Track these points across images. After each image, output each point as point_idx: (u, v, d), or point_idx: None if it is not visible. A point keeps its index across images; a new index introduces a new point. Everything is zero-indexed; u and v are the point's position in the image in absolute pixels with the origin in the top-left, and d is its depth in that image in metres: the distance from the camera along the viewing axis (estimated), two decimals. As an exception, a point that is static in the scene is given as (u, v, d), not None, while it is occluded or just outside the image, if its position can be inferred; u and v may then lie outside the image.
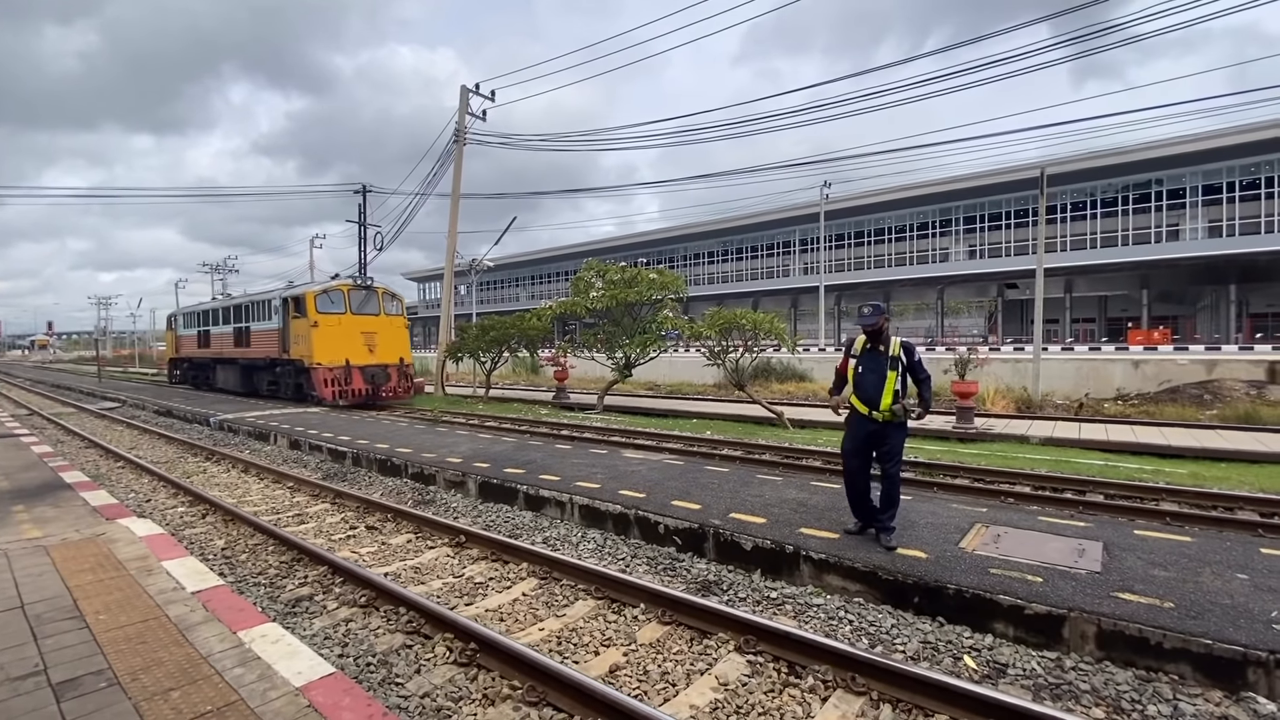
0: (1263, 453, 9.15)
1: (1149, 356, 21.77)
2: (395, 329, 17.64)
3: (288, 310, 16.79)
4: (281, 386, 18.01)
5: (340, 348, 16.11)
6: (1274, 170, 36.11)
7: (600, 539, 5.90)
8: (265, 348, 17.99)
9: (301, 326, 16.08)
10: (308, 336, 15.72)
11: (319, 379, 15.58)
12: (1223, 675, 3.21)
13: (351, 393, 16.07)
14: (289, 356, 16.79)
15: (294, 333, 16.47)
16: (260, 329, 18.25)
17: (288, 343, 16.81)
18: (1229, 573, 4.17)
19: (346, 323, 16.42)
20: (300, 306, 16.25)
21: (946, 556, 4.52)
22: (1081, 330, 45.86)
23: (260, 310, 18.33)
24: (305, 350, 15.95)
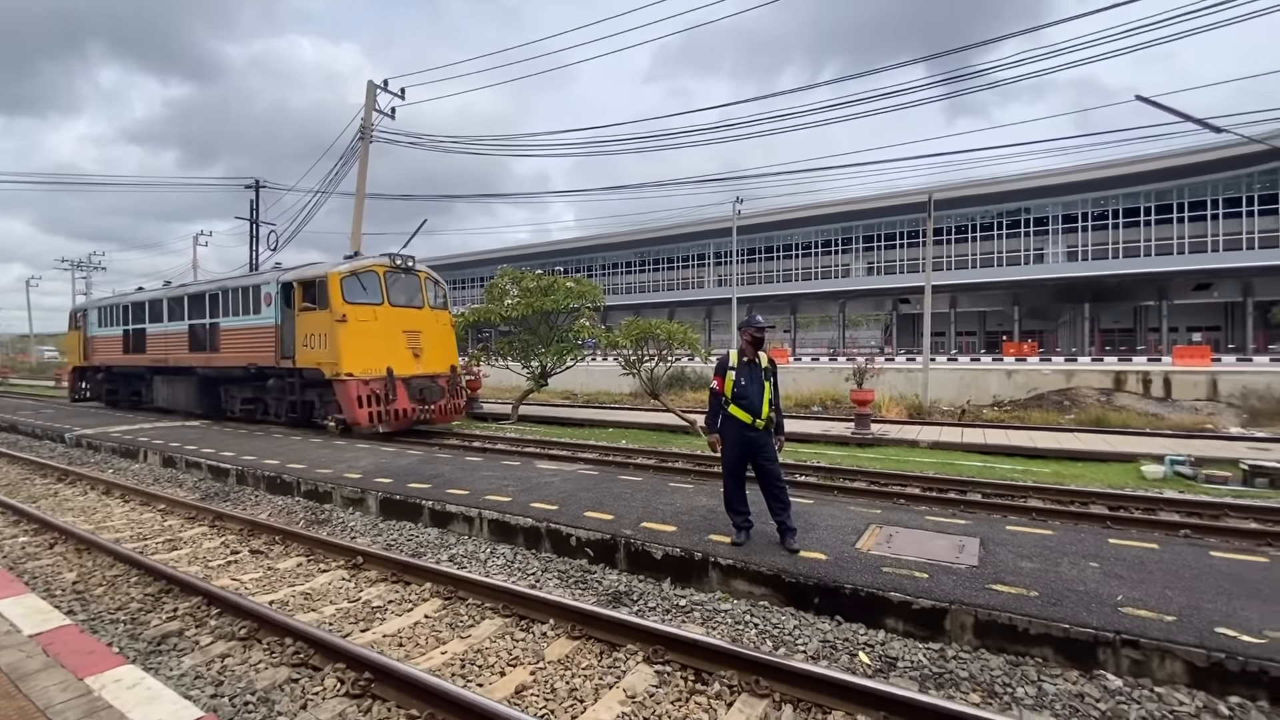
0: (1110, 452, 10.32)
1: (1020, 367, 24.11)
2: (442, 327, 13.39)
3: (291, 299, 12.31)
4: (272, 406, 13.62)
5: (378, 352, 11.69)
6: (1119, 204, 41.22)
7: (510, 554, 5.74)
8: (247, 352, 13.29)
9: (317, 322, 11.70)
10: (330, 336, 11.38)
11: (349, 396, 11.12)
12: (1079, 656, 3.56)
13: (396, 414, 11.67)
14: (292, 364, 12.26)
15: (303, 331, 11.97)
16: (238, 326, 13.56)
17: (289, 345, 12.33)
18: (1083, 562, 4.64)
19: (385, 318, 12.08)
20: (316, 294, 11.79)
21: (844, 557, 4.75)
22: (964, 343, 50.06)
23: (239, 300, 13.56)
24: (326, 355, 11.49)
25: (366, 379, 11.39)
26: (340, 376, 11.26)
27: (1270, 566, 4.60)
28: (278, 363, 12.60)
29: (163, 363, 15.92)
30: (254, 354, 13.15)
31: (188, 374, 15.34)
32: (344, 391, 11.27)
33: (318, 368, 11.72)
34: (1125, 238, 41.07)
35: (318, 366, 11.72)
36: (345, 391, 11.24)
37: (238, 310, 13.64)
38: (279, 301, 12.58)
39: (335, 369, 11.34)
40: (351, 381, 11.21)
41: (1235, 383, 19.26)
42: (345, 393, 11.24)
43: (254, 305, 13.20)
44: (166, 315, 15.82)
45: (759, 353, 5.14)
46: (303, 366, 12.11)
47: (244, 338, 13.43)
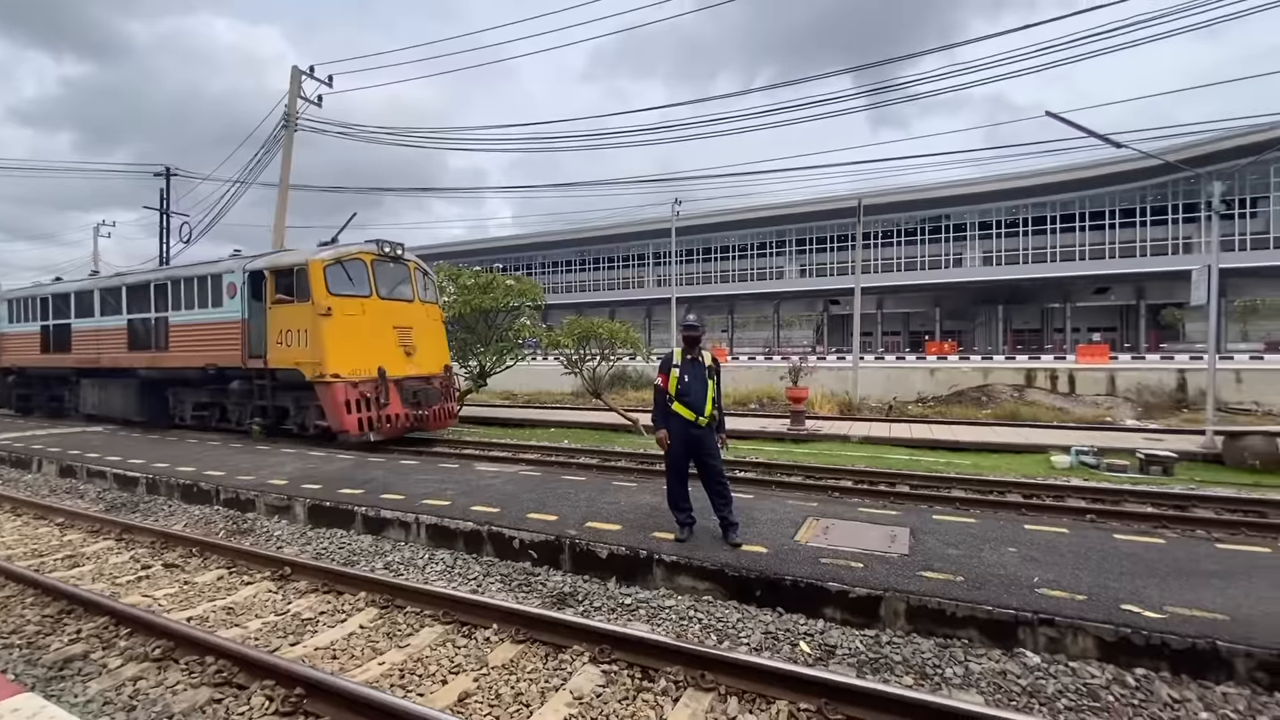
0: (1023, 444, 11.05)
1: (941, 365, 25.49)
2: (433, 323, 12.15)
3: (261, 290, 10.85)
4: (233, 413, 11.99)
5: (367, 350, 10.41)
6: (1028, 213, 44.24)
7: (450, 559, 5.58)
8: (204, 350, 11.65)
9: (295, 316, 10.29)
10: (312, 332, 10.04)
11: (335, 400, 9.82)
12: (1001, 636, 3.79)
13: (389, 420, 10.44)
14: (263, 364, 10.75)
15: (277, 326, 10.52)
16: (193, 322, 11.84)
17: (258, 342, 10.84)
18: (1003, 547, 4.95)
19: (373, 312, 10.74)
20: (294, 284, 10.38)
21: (784, 550, 4.87)
22: (890, 342, 52.47)
23: (194, 292, 11.87)
24: (307, 354, 10.10)
25: (355, 381, 10.08)
26: (324, 378, 9.89)
27: (1166, 547, 5.04)
28: (244, 363, 11.00)
29: (93, 364, 13.94)
30: (213, 353, 11.49)
31: (125, 376, 13.44)
32: (329, 395, 9.90)
33: (296, 368, 10.26)
34: (1034, 244, 44.15)
35: (296, 367, 10.25)
36: (331, 395, 9.88)
37: (192, 303, 11.90)
38: (245, 293, 11.02)
39: (318, 369, 9.94)
40: (338, 384, 9.88)
41: (1131, 379, 21.04)
42: (331, 396, 9.88)
43: (213, 297, 11.56)
44: (99, 309, 13.79)
45: (703, 351, 5.21)
46: (276, 367, 10.63)
47: (201, 334, 11.71)
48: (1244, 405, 18.64)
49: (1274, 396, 19.57)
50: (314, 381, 10.09)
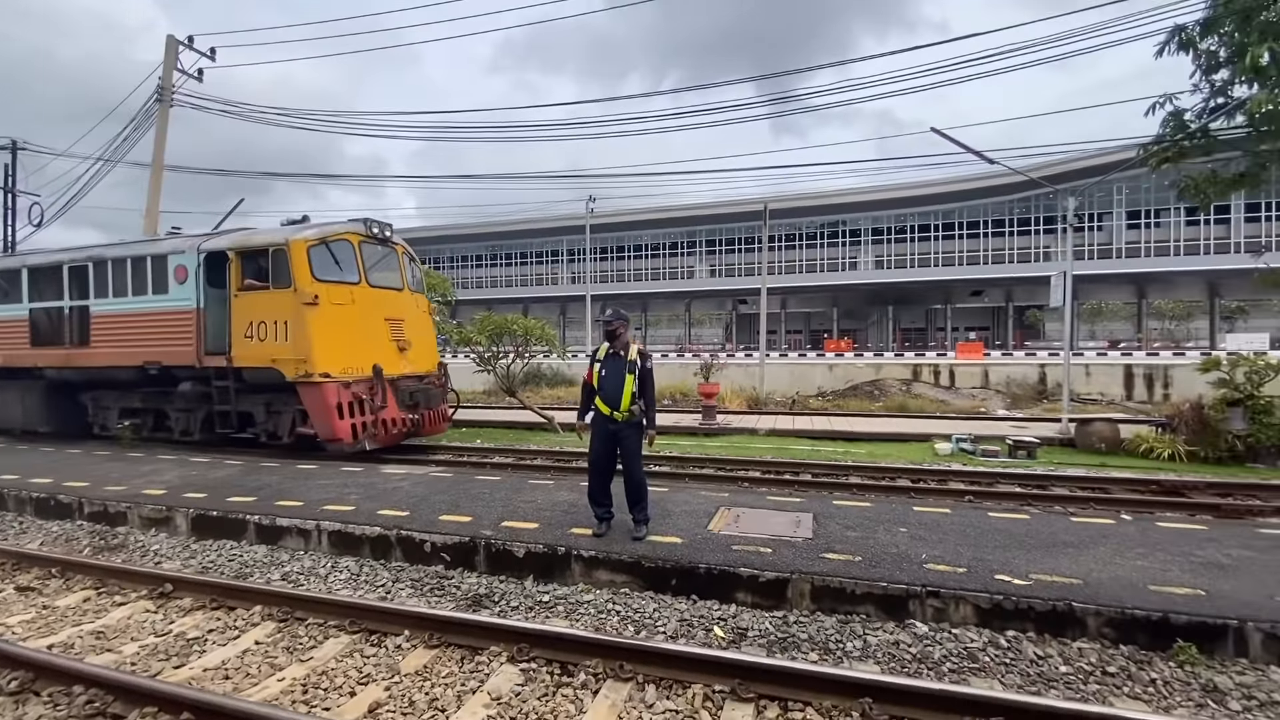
0: (911, 433, 11.98)
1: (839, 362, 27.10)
2: (424, 315, 10.83)
3: (222, 275, 9.24)
4: (178, 420, 10.15)
5: (359, 346, 9.08)
6: (915, 221, 47.89)
7: (356, 567, 5.32)
8: (142, 346, 9.77)
9: (272, 305, 8.80)
10: (295, 324, 8.60)
11: (325, 403, 8.47)
12: (895, 609, 4.12)
13: (387, 426, 9.21)
14: (225, 362, 9.13)
15: (245, 317, 8.99)
16: (127, 312, 9.89)
17: (218, 336, 9.24)
18: (895, 528, 5.36)
19: (364, 302, 9.35)
20: (271, 267, 8.86)
21: (698, 539, 5.03)
22: (793, 340, 55.09)
23: (127, 276, 9.91)
24: (287, 349, 8.65)
25: (347, 380, 8.70)
26: (311, 378, 8.46)
27: (1030, 522, 5.66)
28: (199, 361, 9.31)
29: None
30: (155, 349, 9.67)
31: (24, 378, 11.25)
32: (317, 398, 8.48)
33: (272, 366, 8.76)
34: (919, 250, 47.91)
35: (272, 365, 8.75)
36: (320, 398, 8.46)
37: (123, 289, 9.95)
38: (200, 278, 9.34)
39: (303, 367, 8.50)
40: (329, 384, 8.46)
41: (1001, 373, 23.32)
42: (320, 399, 8.47)
43: (154, 282, 9.71)
44: None
45: (629, 346, 5.24)
46: (245, 365, 9.04)
47: (137, 327, 9.83)
48: (1092, 396, 21.17)
49: (1115, 388, 22.34)
50: (297, 382, 8.62)
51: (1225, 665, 3.51)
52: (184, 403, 10.02)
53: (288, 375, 8.67)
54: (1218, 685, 3.33)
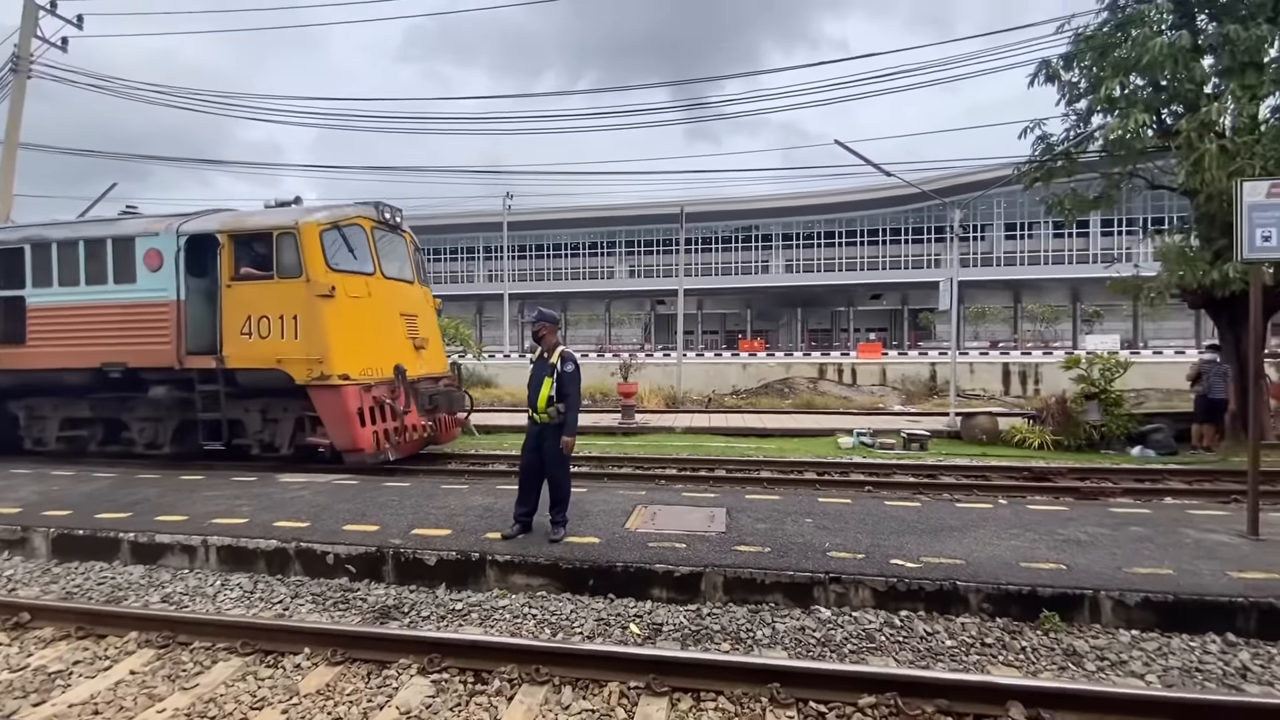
0: (817, 428, 12.62)
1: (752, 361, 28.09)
2: (433, 311, 9.99)
3: (208, 262, 8.24)
4: (141, 431, 8.92)
5: (378, 344, 8.29)
6: (821, 228, 50.46)
7: (249, 583, 4.95)
8: (102, 345, 8.43)
9: (278, 297, 7.88)
10: (308, 319, 7.71)
11: (345, 409, 7.65)
12: (801, 596, 4.33)
13: (408, 433, 8.52)
14: (215, 363, 8.09)
15: (242, 311, 7.98)
16: (76, 304, 8.57)
17: (205, 333, 8.22)
18: (802, 519, 5.63)
19: (380, 294, 8.51)
20: (276, 253, 7.94)
21: (615, 538, 5.07)
22: (709, 340, 56.52)
23: (77, 261, 8.58)
24: (297, 347, 7.73)
25: (368, 383, 7.87)
26: (328, 380, 7.61)
27: (921, 509, 6.10)
28: (179, 361, 8.16)
29: None
30: (119, 348, 8.36)
31: None
32: (336, 403, 7.64)
33: (276, 367, 7.82)
34: (825, 255, 50.54)
35: (277, 366, 7.81)
36: (338, 403, 7.63)
37: (74, 278, 8.57)
38: (178, 265, 8.17)
39: (318, 369, 7.62)
40: (348, 387, 7.62)
41: (897, 371, 24.99)
42: (338, 405, 7.63)
43: (118, 270, 8.43)
44: None
45: (554, 348, 5.21)
46: (240, 367, 8.03)
47: (93, 322, 8.48)
48: (976, 391, 23.12)
49: (995, 384, 24.49)
50: (311, 385, 7.72)
51: (1082, 630, 3.95)
52: (151, 411, 8.72)
53: (297, 378, 7.72)
54: (1076, 649, 3.73)
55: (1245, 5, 9.81)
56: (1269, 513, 5.53)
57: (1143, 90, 10.36)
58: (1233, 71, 9.69)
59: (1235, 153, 9.19)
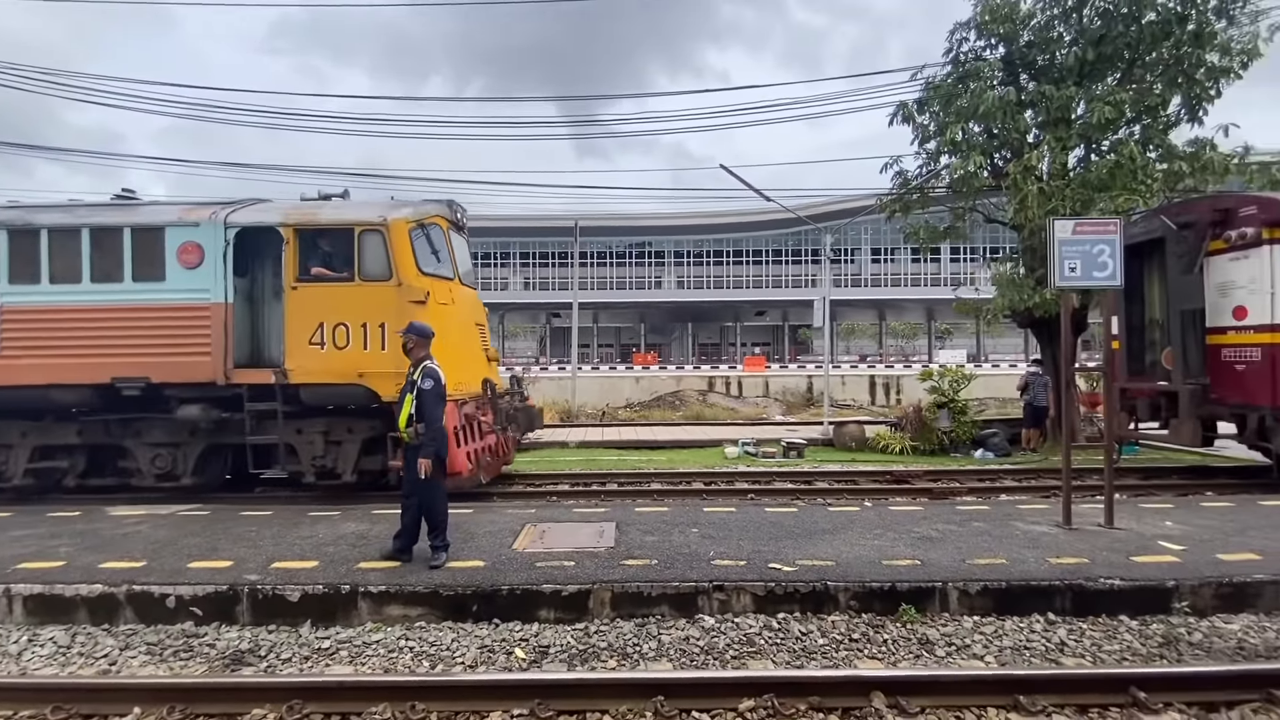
0: (706, 440, 13.03)
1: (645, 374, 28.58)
2: (484, 320, 8.97)
3: (273, 258, 7.40)
4: (156, 461, 7.44)
5: (464, 356, 7.49)
6: (710, 246, 52.65)
7: (65, 637, 4.26)
8: (115, 355, 7.08)
9: (359, 302, 7.04)
10: (398, 328, 6.38)
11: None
12: (686, 607, 4.41)
13: (495, 452, 7.85)
14: (280, 379, 7.01)
15: (310, 317, 7.04)
16: (81, 305, 7.21)
17: (262, 342, 7.50)
18: (688, 529, 5.76)
19: (461, 302, 7.81)
20: (354, 252, 7.07)
21: (501, 560, 4.91)
22: (604, 353, 56.82)
23: (79, 253, 7.22)
24: (387, 362, 6.77)
25: (461, 399, 7.11)
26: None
27: (798, 514, 6.46)
28: (223, 375, 7.04)
29: None
30: (140, 359, 7.03)
31: None
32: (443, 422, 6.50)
33: (358, 383, 6.97)
34: (714, 273, 52.80)
35: (358, 381, 6.96)
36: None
37: (73, 273, 7.19)
38: (225, 262, 7.10)
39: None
40: (446, 404, 6.40)
41: (779, 383, 26.46)
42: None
43: (138, 265, 7.15)
44: None
45: (419, 364, 5.01)
46: (309, 381, 7.02)
47: (101, 329, 7.04)
48: (847, 401, 24.98)
49: (864, 395, 26.58)
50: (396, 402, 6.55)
51: (933, 620, 4.34)
52: (168, 435, 7.40)
53: (383, 394, 6.85)
54: (929, 637, 4.09)
55: (1057, 69, 11.49)
56: (1080, 504, 6.40)
57: (979, 136, 11.78)
58: (1048, 125, 11.29)
59: (1051, 194, 10.69)
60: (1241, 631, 4.13)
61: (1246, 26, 10.51)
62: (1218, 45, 10.41)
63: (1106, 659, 3.80)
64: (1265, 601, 4.41)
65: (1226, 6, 10.39)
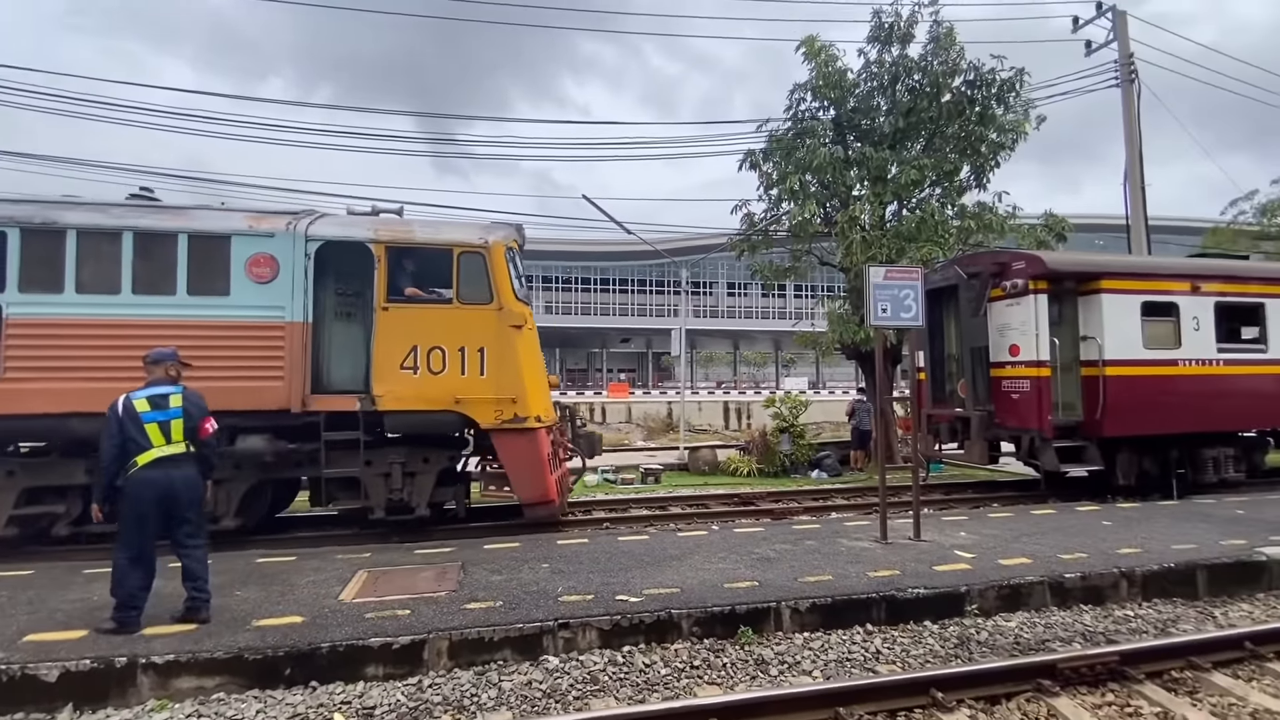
0: (566, 470, 12.87)
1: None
2: None
3: (362, 276, 6.75)
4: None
5: (543, 383, 7.31)
6: (578, 274, 53.16)
7: None
8: None
9: (462, 325, 6.75)
10: (498, 353, 6.75)
11: (539, 456, 6.74)
12: (530, 649, 4.24)
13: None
14: (364, 404, 6.49)
15: (404, 339, 6.63)
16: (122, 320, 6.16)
17: (346, 365, 6.91)
18: (539, 565, 5.59)
19: (533, 324, 7.41)
20: (454, 273, 6.79)
21: (325, 613, 4.42)
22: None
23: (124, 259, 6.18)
24: (486, 387, 6.65)
25: (549, 425, 7.19)
26: (523, 423, 6.81)
27: (649, 541, 6.53)
28: (301, 402, 6.52)
29: None
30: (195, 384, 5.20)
31: None
32: (529, 450, 6.85)
33: (454, 410, 6.76)
34: (582, 300, 53.28)
35: (455, 407, 6.76)
36: (533, 450, 6.85)
37: (109, 283, 6.33)
38: (305, 278, 6.61)
39: (511, 410, 6.79)
40: (541, 431, 6.93)
41: (641, 409, 27.02)
42: (533, 452, 6.85)
43: (193, 277, 6.46)
44: None
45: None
46: (399, 409, 6.70)
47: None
48: (704, 426, 26.09)
49: (719, 420, 27.93)
50: (497, 429, 6.81)
51: (769, 639, 4.56)
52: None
53: (483, 421, 6.79)
54: (764, 657, 4.29)
55: (876, 134, 13.13)
56: (895, 520, 7.13)
57: (814, 186, 13.08)
58: (869, 181, 12.83)
59: (871, 243, 12.10)
60: (1018, 628, 4.79)
61: (1018, 114, 12.78)
62: (997, 125, 12.53)
63: (913, 663, 4.21)
64: (1035, 599, 5.16)
65: (1004, 95, 12.55)
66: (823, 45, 12.89)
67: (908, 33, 12.89)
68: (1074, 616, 4.99)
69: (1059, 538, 6.46)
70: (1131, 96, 13.26)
